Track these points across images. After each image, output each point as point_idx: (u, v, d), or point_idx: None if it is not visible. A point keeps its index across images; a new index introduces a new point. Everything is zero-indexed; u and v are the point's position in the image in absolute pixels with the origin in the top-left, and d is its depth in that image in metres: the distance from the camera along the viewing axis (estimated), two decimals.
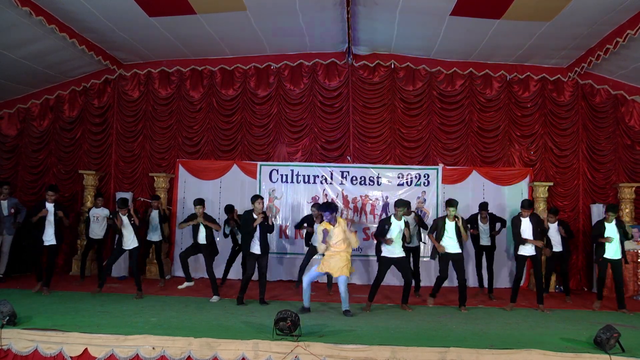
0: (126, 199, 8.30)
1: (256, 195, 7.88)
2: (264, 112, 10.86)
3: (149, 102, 11.10)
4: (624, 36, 8.05)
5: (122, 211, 8.05)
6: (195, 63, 10.95)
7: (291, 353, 5.03)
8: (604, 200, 10.18)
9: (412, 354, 5.01)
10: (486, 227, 8.95)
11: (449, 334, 5.86)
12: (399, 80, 10.76)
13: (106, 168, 11.04)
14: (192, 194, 10.13)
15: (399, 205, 7.50)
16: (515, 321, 6.79)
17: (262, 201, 7.77)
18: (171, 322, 6.05)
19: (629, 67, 9.42)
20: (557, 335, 5.85)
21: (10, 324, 5.45)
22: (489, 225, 8.96)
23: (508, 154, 10.58)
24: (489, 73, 10.63)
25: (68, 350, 5.19)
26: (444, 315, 7.09)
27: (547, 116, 10.59)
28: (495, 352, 5.05)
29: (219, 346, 5.14)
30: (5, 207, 9.11)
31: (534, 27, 8.72)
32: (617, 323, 5.88)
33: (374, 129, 10.74)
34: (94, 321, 5.92)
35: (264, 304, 7.57)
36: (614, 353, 5.01)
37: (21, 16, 7.98)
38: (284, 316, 5.26)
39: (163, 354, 5.13)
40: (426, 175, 10.31)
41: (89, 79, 11.07)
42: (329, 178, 10.38)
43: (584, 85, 10.50)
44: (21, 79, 10.38)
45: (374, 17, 8.94)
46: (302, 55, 10.77)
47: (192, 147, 10.93)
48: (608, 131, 10.38)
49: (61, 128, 11.18)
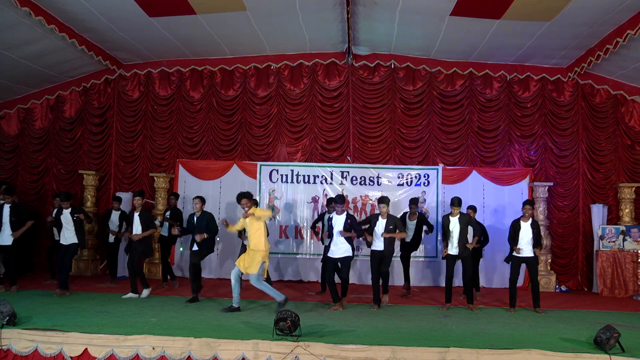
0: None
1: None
2: (264, 112, 10.89)
3: (149, 102, 11.13)
4: (624, 36, 8.08)
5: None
6: (195, 63, 10.97)
7: (291, 353, 5.03)
8: (604, 200, 10.21)
9: (412, 354, 5.00)
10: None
11: (449, 334, 5.85)
12: (399, 80, 10.78)
13: (106, 168, 11.07)
14: (192, 194, 9.94)
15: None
16: (515, 321, 6.80)
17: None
18: (171, 322, 6.05)
19: (629, 67, 9.44)
20: (557, 335, 5.84)
21: (10, 324, 5.45)
22: None
23: (508, 154, 10.61)
24: (489, 73, 10.66)
25: (68, 351, 5.19)
26: (444, 316, 7.09)
27: (547, 116, 10.61)
28: (495, 352, 5.05)
29: (219, 346, 5.14)
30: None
31: (534, 27, 8.75)
32: (617, 323, 5.88)
33: (374, 129, 10.77)
34: (94, 321, 5.91)
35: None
36: (614, 353, 4.99)
37: (21, 16, 8.01)
38: (284, 316, 5.26)
39: (163, 354, 5.13)
40: (426, 175, 10.31)
41: (89, 79, 11.10)
42: (329, 178, 10.39)
43: (584, 86, 10.52)
44: (21, 79, 10.42)
45: (374, 17, 8.97)
46: (302, 56, 10.79)
47: (192, 147, 10.96)
48: (608, 131, 10.41)
49: (61, 128, 11.21)
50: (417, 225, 8.84)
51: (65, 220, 8.16)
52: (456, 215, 7.67)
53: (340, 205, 7.55)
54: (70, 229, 8.16)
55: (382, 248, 7.54)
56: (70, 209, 8.21)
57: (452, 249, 7.66)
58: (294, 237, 10.28)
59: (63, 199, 8.26)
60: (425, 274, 10.22)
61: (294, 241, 10.28)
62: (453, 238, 7.63)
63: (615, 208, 10.08)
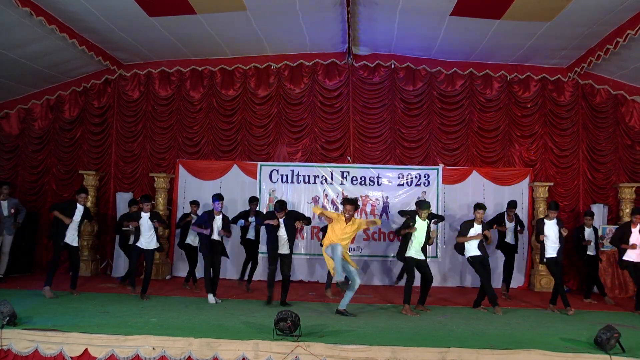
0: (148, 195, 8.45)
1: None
2: (264, 113, 10.93)
3: (149, 102, 11.16)
4: (625, 36, 8.10)
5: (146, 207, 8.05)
6: (196, 63, 11.00)
7: (291, 353, 5.05)
8: (604, 200, 10.26)
9: (412, 354, 5.02)
10: (512, 225, 9.02)
11: (449, 334, 5.87)
12: (399, 80, 10.82)
13: (106, 168, 11.09)
14: (192, 194, 10.19)
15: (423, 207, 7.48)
16: (516, 321, 6.81)
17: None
18: (171, 323, 6.07)
19: (629, 67, 9.48)
20: (557, 335, 5.85)
21: (10, 325, 5.45)
22: (514, 224, 9.03)
23: (508, 154, 10.65)
24: (489, 73, 10.69)
25: (68, 351, 5.20)
26: (443, 316, 7.12)
27: (547, 116, 10.65)
28: (495, 352, 5.07)
29: (219, 346, 5.16)
30: (6, 208, 9.12)
31: (534, 27, 8.78)
32: (618, 323, 5.89)
33: (374, 129, 10.81)
34: (94, 321, 5.92)
35: (285, 305, 7.48)
36: (614, 353, 5.01)
37: (21, 16, 8.03)
38: (284, 316, 5.28)
39: (163, 354, 5.14)
40: (426, 175, 10.34)
41: (89, 79, 11.13)
42: (329, 178, 10.43)
43: (584, 86, 10.56)
44: (22, 79, 10.45)
45: (374, 17, 9.00)
46: (302, 56, 10.83)
47: (193, 148, 10.99)
48: (608, 131, 10.45)
49: (61, 128, 11.23)
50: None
51: (145, 225, 8.02)
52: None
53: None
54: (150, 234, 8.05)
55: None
56: (149, 214, 8.06)
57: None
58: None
59: (144, 201, 8.11)
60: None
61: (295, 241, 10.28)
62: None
63: (616, 208, 10.12)
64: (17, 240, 9.49)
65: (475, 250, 7.59)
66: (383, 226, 10.13)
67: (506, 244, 9.07)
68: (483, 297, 7.69)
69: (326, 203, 10.32)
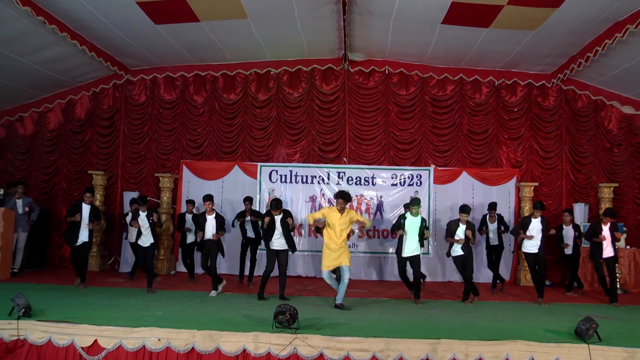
0: (145, 197, 8.68)
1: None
2: (264, 115, 11.16)
3: (155, 105, 11.39)
4: (603, 45, 8.41)
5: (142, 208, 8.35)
6: (199, 69, 11.23)
7: (290, 345, 5.13)
8: (585, 199, 10.56)
9: (405, 345, 5.11)
10: (494, 226, 9.11)
11: (440, 327, 6.01)
12: (393, 85, 11.07)
13: (114, 168, 11.32)
14: (195, 193, 10.36)
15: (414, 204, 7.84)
16: (502, 314, 6.95)
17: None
18: (176, 316, 6.15)
19: (608, 74, 9.79)
20: (541, 327, 6.01)
21: (25, 316, 5.56)
22: (497, 224, 9.12)
23: (496, 155, 10.92)
24: (478, 79, 10.97)
25: (79, 341, 5.29)
26: (434, 309, 7.29)
27: (532, 120, 10.93)
28: (483, 344, 5.18)
29: (221, 338, 5.22)
30: (21, 206, 9.37)
31: (520, 36, 9.03)
32: (596, 315, 6.09)
33: (369, 132, 11.07)
34: (104, 314, 6.03)
35: (283, 299, 7.59)
36: (592, 342, 5.16)
37: (35, 24, 8.31)
38: (283, 310, 5.37)
39: (168, 346, 5.22)
40: (418, 175, 10.60)
41: (98, 84, 11.37)
42: (326, 178, 10.69)
43: (567, 91, 10.85)
44: (35, 84, 10.67)
45: (369, 25, 9.22)
46: (300, 61, 11.06)
47: (196, 149, 11.23)
48: (589, 134, 10.75)
49: (71, 130, 11.46)
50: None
51: (142, 223, 8.27)
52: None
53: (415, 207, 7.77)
54: (147, 232, 8.30)
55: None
56: (147, 212, 8.32)
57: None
58: (292, 235, 10.54)
59: (141, 203, 8.37)
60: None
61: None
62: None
63: (596, 207, 10.42)
64: (31, 237, 9.73)
65: (459, 250, 7.94)
66: (377, 224, 10.43)
67: (491, 247, 9.18)
68: (469, 291, 8.02)
69: (323, 202, 10.55)
